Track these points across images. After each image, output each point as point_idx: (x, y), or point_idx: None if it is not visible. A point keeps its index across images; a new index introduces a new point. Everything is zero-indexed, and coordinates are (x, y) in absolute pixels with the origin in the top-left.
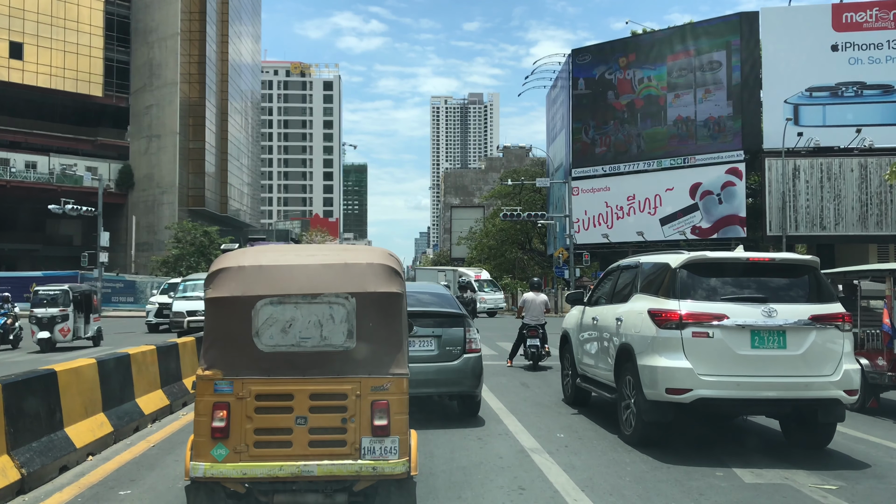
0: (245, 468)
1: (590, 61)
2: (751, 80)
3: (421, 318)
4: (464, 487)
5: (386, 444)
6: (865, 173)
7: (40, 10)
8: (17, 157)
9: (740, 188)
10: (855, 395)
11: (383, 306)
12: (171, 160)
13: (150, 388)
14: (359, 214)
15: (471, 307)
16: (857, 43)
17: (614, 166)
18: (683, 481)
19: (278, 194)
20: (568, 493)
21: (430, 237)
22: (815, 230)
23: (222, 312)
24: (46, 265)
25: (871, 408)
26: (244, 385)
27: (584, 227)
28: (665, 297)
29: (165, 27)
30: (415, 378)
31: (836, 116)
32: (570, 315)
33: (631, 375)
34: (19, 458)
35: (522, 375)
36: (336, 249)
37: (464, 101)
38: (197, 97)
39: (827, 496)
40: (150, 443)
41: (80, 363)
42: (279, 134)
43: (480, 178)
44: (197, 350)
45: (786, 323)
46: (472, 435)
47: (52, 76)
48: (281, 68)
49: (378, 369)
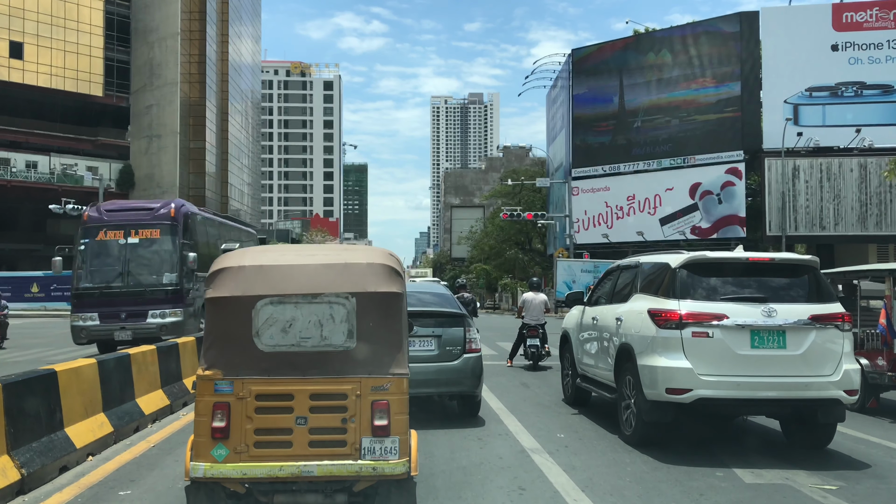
0: (245, 468)
1: (590, 61)
2: (751, 80)
3: (421, 318)
4: (464, 487)
5: (386, 444)
6: (865, 173)
7: (40, 10)
8: (17, 156)
9: (740, 188)
10: (855, 395)
11: (383, 306)
12: (171, 160)
13: (151, 388)
14: (359, 214)
15: (471, 307)
16: (857, 43)
17: (614, 166)
18: (683, 481)
19: (278, 194)
20: (568, 493)
21: (431, 237)
22: (814, 230)
23: (222, 312)
24: (47, 265)
25: (870, 408)
26: (244, 385)
27: (584, 227)
28: (665, 297)
29: (165, 27)
30: (415, 378)
31: (836, 116)
32: (570, 315)
33: (631, 375)
34: (19, 458)
35: (522, 375)
36: (336, 249)
37: (464, 101)
38: (197, 97)
39: (827, 496)
40: (151, 443)
41: (80, 363)
42: (279, 134)
43: (480, 178)
44: (197, 350)
45: (786, 323)
46: (472, 435)
47: (52, 76)
48: (281, 68)
49: (378, 369)
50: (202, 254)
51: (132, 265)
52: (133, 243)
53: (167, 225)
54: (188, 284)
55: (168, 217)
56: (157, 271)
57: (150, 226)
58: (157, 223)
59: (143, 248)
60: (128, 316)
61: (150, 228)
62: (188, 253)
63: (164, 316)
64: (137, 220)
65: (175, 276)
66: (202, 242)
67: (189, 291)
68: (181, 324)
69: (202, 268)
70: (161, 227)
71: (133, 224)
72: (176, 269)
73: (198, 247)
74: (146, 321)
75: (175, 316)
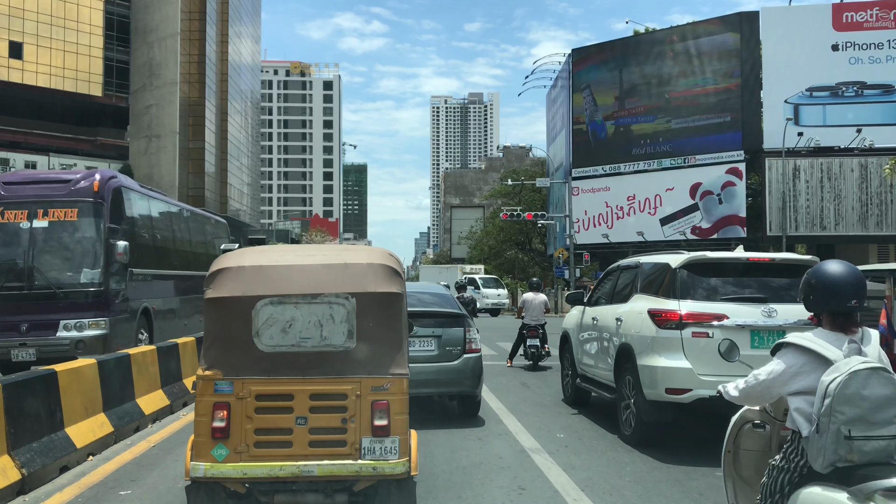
0: (245, 468)
1: (590, 61)
2: (751, 80)
3: (421, 318)
4: (464, 487)
5: (386, 444)
6: (866, 173)
7: (40, 10)
8: (16, 156)
9: (740, 188)
10: None
11: (383, 306)
12: (170, 160)
13: (151, 388)
14: (359, 214)
15: (471, 307)
16: (857, 42)
17: (614, 166)
18: (683, 481)
19: (278, 194)
20: (568, 493)
21: (430, 237)
22: (815, 230)
23: (222, 312)
24: None
25: None
26: (244, 385)
27: (584, 227)
28: (665, 297)
29: (165, 27)
30: (415, 378)
31: (837, 116)
32: (570, 315)
33: (631, 375)
34: (20, 458)
35: (522, 375)
36: (336, 249)
37: (464, 101)
38: (197, 97)
39: None
40: (151, 443)
41: (80, 363)
42: (279, 134)
43: (480, 178)
44: (197, 350)
45: (786, 323)
46: (472, 435)
47: (51, 76)
48: (281, 68)
49: (378, 369)
50: (141, 245)
51: (38, 258)
52: (40, 227)
53: (89, 203)
54: (117, 285)
55: (90, 192)
56: (73, 266)
57: (65, 204)
58: (74, 201)
59: (55, 233)
60: (31, 328)
61: (65, 207)
62: (118, 241)
63: (82, 328)
64: (48, 195)
65: (98, 272)
66: (142, 229)
67: (120, 294)
68: (106, 337)
69: (145, 264)
70: (80, 205)
71: (41, 201)
72: (100, 264)
73: (135, 234)
74: (56, 335)
75: (97, 328)
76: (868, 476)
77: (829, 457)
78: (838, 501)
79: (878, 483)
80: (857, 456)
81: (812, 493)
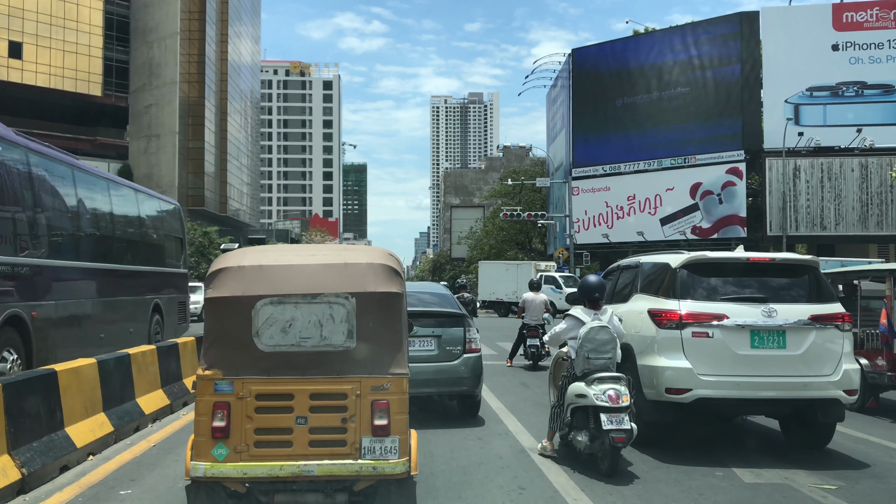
0: (245, 468)
1: (590, 61)
2: (751, 80)
3: (421, 317)
4: (464, 487)
5: (386, 443)
6: (866, 173)
7: (40, 10)
8: None
9: (741, 188)
10: (854, 395)
11: (383, 306)
12: (170, 160)
13: (151, 388)
14: (359, 214)
15: (470, 307)
16: (857, 42)
17: (614, 166)
18: (683, 481)
19: (278, 194)
20: (568, 492)
21: (430, 237)
22: (815, 230)
23: (222, 312)
24: None
25: (870, 408)
26: (244, 385)
27: (584, 227)
28: (665, 297)
29: (165, 27)
30: (415, 378)
31: (837, 116)
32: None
33: (631, 375)
34: (20, 457)
35: (522, 375)
36: (336, 249)
37: (464, 101)
38: (196, 97)
39: (827, 496)
40: (151, 442)
41: (80, 363)
42: (279, 134)
43: (480, 178)
44: (197, 350)
45: (786, 323)
46: (472, 435)
47: (51, 76)
48: (280, 68)
49: (378, 369)
50: (7, 219)
51: None
52: None
53: None
54: None
55: None
56: None
57: None
58: None
59: None
60: None
61: None
62: None
63: None
64: None
65: None
66: (7, 194)
67: None
68: None
69: (18, 250)
70: None
71: None
72: None
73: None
74: None
75: None
76: (595, 377)
77: (580, 367)
78: (581, 387)
79: (595, 376)
80: (592, 367)
81: (575, 385)
